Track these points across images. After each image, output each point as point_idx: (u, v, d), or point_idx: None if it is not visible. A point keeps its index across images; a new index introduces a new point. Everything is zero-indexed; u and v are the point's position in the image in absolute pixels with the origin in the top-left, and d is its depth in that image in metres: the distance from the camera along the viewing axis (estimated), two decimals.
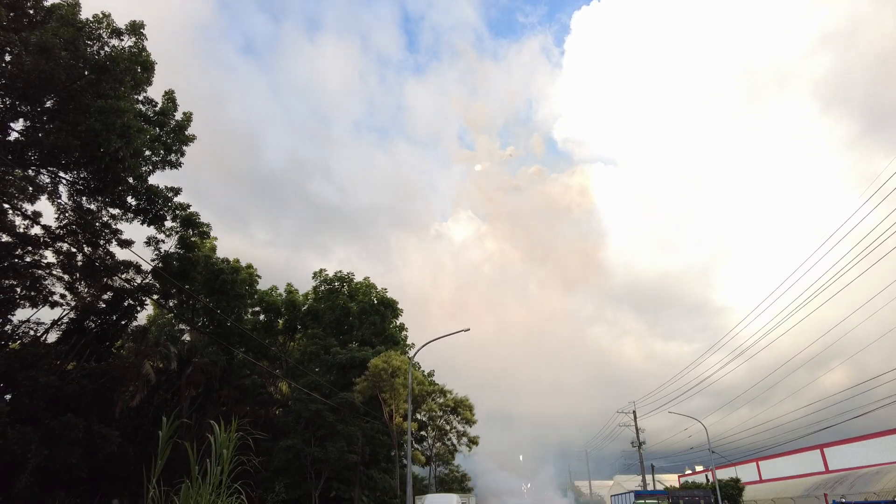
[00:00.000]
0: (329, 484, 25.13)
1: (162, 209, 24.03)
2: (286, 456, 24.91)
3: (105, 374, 22.21)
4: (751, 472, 48.68)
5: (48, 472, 20.15)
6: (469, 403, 32.09)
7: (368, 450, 26.55)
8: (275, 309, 31.81)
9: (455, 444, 33.68)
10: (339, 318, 29.43)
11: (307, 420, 25.01)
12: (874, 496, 27.90)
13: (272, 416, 31.48)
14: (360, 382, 24.50)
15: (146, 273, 26.35)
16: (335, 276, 31.04)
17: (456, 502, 21.32)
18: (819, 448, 40.86)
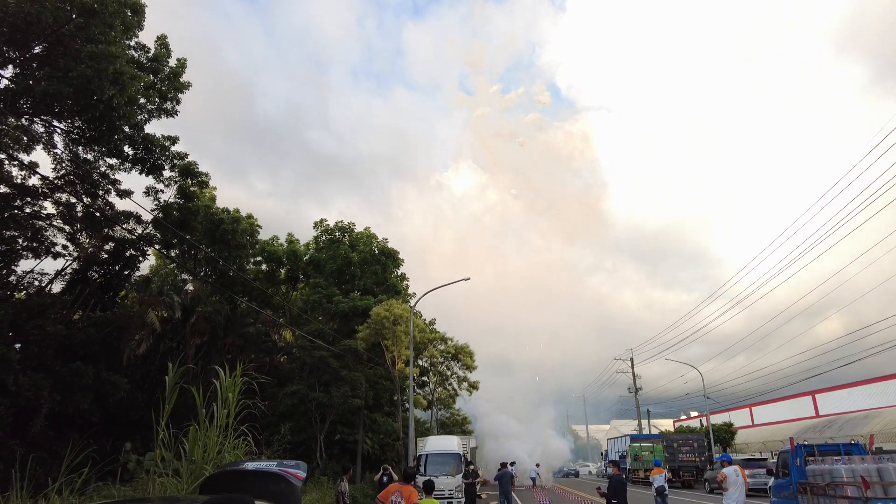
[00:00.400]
0: (334, 427, 25.92)
1: (160, 158, 23.83)
2: (291, 401, 25.58)
3: (111, 323, 22.58)
4: (744, 418, 50.19)
5: (61, 417, 20.79)
6: (469, 350, 32.81)
7: (371, 394, 27.27)
8: (276, 259, 31.99)
9: (456, 389, 34.63)
10: (340, 267, 29.62)
11: (311, 366, 25.58)
12: (861, 439, 28.84)
13: (277, 363, 32.20)
14: (363, 330, 24.92)
15: (147, 223, 26.41)
16: (336, 226, 31.06)
17: (457, 443, 22.04)
18: (811, 394, 42.00)
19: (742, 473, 10.77)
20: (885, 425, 27.67)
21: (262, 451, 12.31)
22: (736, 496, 10.42)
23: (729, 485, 10.55)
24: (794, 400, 43.48)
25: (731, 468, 10.80)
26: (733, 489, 10.47)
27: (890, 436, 26.67)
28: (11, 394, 18.65)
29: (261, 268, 34.35)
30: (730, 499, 10.48)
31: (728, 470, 10.74)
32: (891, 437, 26.63)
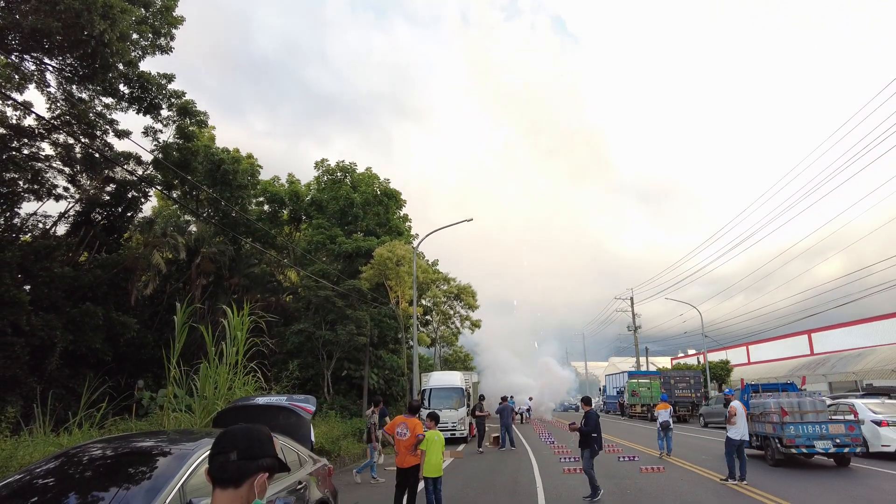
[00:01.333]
0: (340, 364, 26.67)
1: (156, 97, 23.38)
2: (298, 339, 26.21)
3: (117, 265, 22.84)
4: (741, 356, 51.38)
5: (75, 356, 21.41)
6: (472, 290, 33.26)
7: (376, 332, 27.87)
8: (278, 199, 31.93)
9: (458, 328, 35.39)
10: (342, 208, 29.58)
11: (317, 306, 26.04)
12: (853, 375, 29.64)
13: (283, 302, 32.76)
14: (367, 270, 25.18)
15: (147, 164, 26.22)
16: (337, 166, 30.76)
17: (459, 378, 22.74)
18: (806, 333, 42.76)
19: (743, 408, 11.35)
20: (877, 362, 28.34)
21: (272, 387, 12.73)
22: (742, 428, 10.94)
23: (738, 418, 11.01)
24: (790, 339, 44.35)
25: (737, 402, 11.27)
26: (741, 422, 10.95)
27: (881, 373, 27.36)
28: (25, 333, 19.16)
29: (263, 209, 34.35)
30: (736, 431, 10.94)
31: (737, 404, 11.22)
32: (882, 373, 27.34)
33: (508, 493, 10.54)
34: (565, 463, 14.47)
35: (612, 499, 9.71)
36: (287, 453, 5.77)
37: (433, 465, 7.99)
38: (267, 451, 1.83)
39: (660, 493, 10.07)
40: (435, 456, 8.01)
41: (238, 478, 1.74)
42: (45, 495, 3.92)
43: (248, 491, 1.75)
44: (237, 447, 1.77)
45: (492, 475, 12.93)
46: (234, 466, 1.74)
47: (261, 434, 1.87)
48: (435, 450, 8.04)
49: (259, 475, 1.77)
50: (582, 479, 11.97)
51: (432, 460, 7.99)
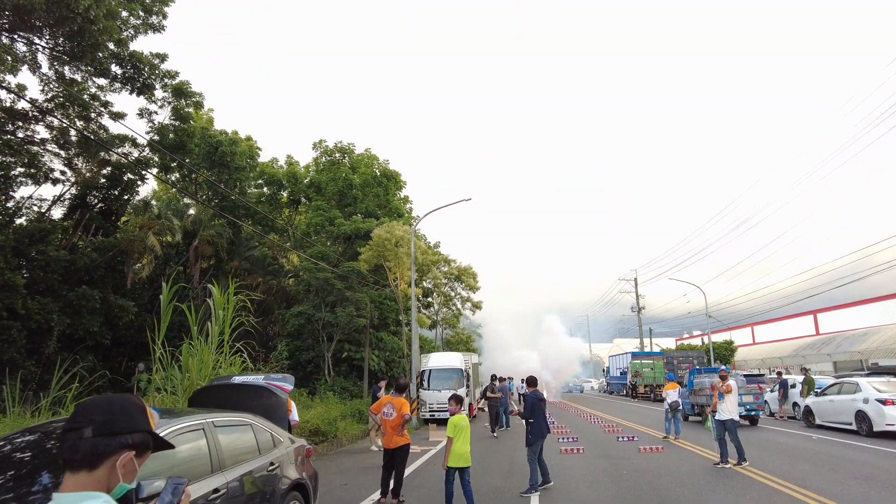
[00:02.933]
0: (341, 346, 26.56)
1: (150, 77, 23.03)
2: (298, 321, 26.09)
3: (113, 248, 22.69)
4: (746, 337, 51.02)
5: (73, 339, 21.38)
6: (472, 272, 33.01)
7: (377, 314, 27.72)
8: (276, 181, 31.61)
9: (459, 309, 35.20)
10: (341, 190, 29.24)
11: (316, 288, 25.87)
12: (858, 355, 29.31)
13: (284, 285, 32.66)
14: (365, 252, 24.94)
15: (143, 146, 25.95)
16: (336, 147, 30.34)
17: (459, 359, 22.58)
18: (812, 313, 42.34)
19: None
20: (882, 342, 27.97)
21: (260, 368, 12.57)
22: (732, 410, 10.62)
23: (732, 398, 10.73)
24: (795, 319, 43.94)
25: (732, 381, 10.96)
26: (731, 403, 10.65)
27: (887, 352, 27.01)
28: (21, 317, 19.09)
29: (262, 191, 34.08)
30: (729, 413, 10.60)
31: (732, 381, 10.98)
32: (887, 352, 26.98)
33: (503, 475, 10.36)
34: (563, 443, 14.27)
35: (608, 480, 9.51)
36: (259, 433, 5.56)
37: (459, 454, 7.22)
38: (134, 424, 1.52)
39: (656, 473, 9.86)
40: (462, 444, 7.26)
41: (92, 459, 1.42)
42: None
43: (106, 474, 1.44)
44: (93, 421, 1.47)
45: (487, 456, 12.77)
46: (87, 445, 1.43)
47: (126, 405, 1.55)
48: (464, 437, 7.30)
49: (122, 454, 1.47)
50: (578, 459, 11.81)
51: (458, 449, 7.23)
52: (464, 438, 7.26)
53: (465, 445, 7.25)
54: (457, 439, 7.21)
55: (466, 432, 7.34)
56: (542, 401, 9.01)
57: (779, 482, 8.85)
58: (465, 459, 7.25)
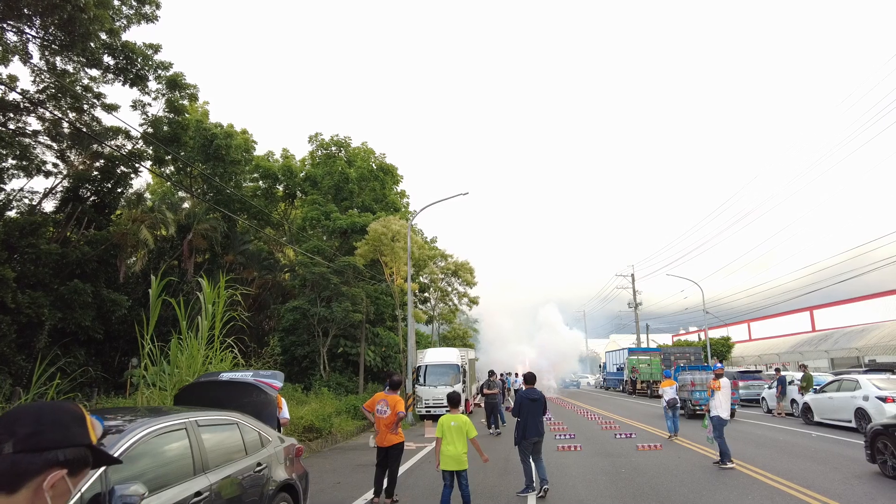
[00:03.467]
0: (336, 341, 26.37)
1: (143, 68, 22.68)
2: (294, 316, 25.89)
3: (106, 241, 22.39)
4: (743, 333, 51.02)
5: (65, 334, 21.10)
6: (469, 267, 32.81)
7: (373, 309, 27.51)
8: (272, 175, 31.29)
9: (456, 304, 35.01)
10: (337, 184, 28.95)
11: (312, 283, 25.65)
12: (856, 352, 29.24)
13: (280, 280, 32.41)
14: (361, 246, 24.70)
15: (136, 139, 25.61)
16: (332, 140, 30.03)
17: (455, 355, 22.39)
18: (809, 310, 42.29)
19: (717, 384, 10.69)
20: (880, 338, 27.89)
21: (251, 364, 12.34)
22: (726, 407, 10.26)
23: (724, 396, 10.38)
24: (792, 315, 43.90)
25: (724, 379, 10.57)
26: (726, 401, 10.32)
27: (885, 348, 26.93)
28: (11, 311, 18.80)
29: (259, 185, 33.77)
30: (723, 410, 10.28)
31: (725, 381, 10.57)
32: (885, 349, 26.90)
33: (499, 472, 10.18)
34: (560, 440, 14.10)
35: (606, 479, 9.33)
36: (246, 433, 5.34)
37: (450, 455, 6.69)
38: (67, 437, 1.26)
39: (656, 472, 9.69)
40: (452, 445, 6.70)
41: (11, 480, 1.16)
42: None
43: (29, 498, 1.18)
44: (14, 434, 1.22)
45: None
46: (5, 463, 1.20)
47: (59, 414, 1.29)
48: (451, 437, 6.72)
49: (50, 474, 1.23)
50: (576, 457, 11.64)
51: (448, 450, 6.69)
52: (453, 439, 6.71)
53: (455, 447, 6.70)
54: (445, 440, 6.76)
55: (456, 433, 6.74)
56: (534, 400, 8.34)
57: (781, 481, 8.68)
58: (457, 462, 6.72)
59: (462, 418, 6.90)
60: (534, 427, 8.26)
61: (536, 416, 8.31)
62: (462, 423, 6.81)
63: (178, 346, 9.20)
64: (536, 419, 8.31)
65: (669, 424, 14.26)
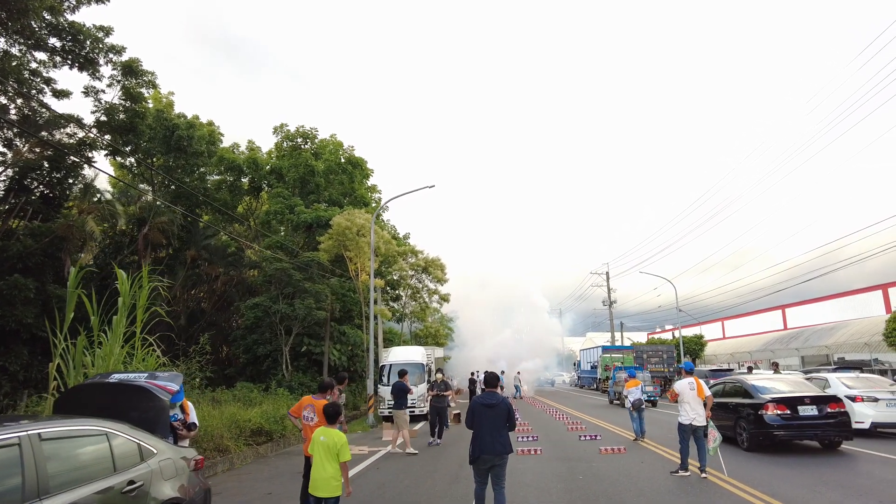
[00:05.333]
0: (300, 339, 25.46)
1: (92, 51, 21.51)
2: (255, 313, 24.91)
3: (50, 234, 21.12)
4: (717, 331, 51.27)
5: (5, 331, 19.85)
6: (440, 263, 32.07)
7: (338, 307, 26.62)
8: (236, 167, 30.14)
9: (427, 302, 34.26)
10: (303, 176, 27.93)
11: (273, 279, 24.71)
12: (825, 349, 29.22)
13: (245, 276, 31.29)
14: (325, 241, 23.82)
15: (89, 127, 24.35)
16: (297, 132, 29.00)
17: (420, 353, 21.68)
18: (781, 308, 42.54)
19: (699, 386, 9.28)
20: (850, 336, 27.88)
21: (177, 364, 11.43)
22: (691, 413, 9.14)
23: (682, 401, 9.28)
24: (765, 314, 44.12)
25: (685, 381, 9.44)
26: (687, 405, 9.20)
27: (854, 346, 26.90)
28: None
29: (226, 178, 32.58)
30: (684, 415, 9.24)
31: (681, 384, 9.39)
32: (854, 347, 26.88)
33: (449, 480, 9.47)
34: (522, 443, 13.45)
35: (560, 486, 8.67)
36: (118, 445, 4.52)
37: (316, 479, 5.43)
38: None
39: (615, 479, 9.07)
40: (320, 466, 5.43)
41: None
42: None
43: None
44: None
45: (436, 459, 11.85)
46: None
47: None
48: (319, 457, 5.47)
49: None
50: (534, 462, 10.97)
51: (315, 472, 5.45)
52: (321, 460, 5.45)
53: (323, 468, 5.41)
54: (314, 460, 5.53)
55: (325, 452, 5.45)
56: (491, 406, 6.34)
57: (745, 489, 8.12)
58: (325, 487, 5.36)
59: (335, 436, 5.55)
60: (490, 443, 6.20)
61: (495, 429, 6.27)
62: (334, 442, 5.48)
63: (84, 344, 8.29)
64: (495, 433, 6.26)
65: (635, 426, 13.68)
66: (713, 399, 10.11)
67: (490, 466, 6.28)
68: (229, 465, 11.78)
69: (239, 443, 13.32)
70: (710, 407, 9.37)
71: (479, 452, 6.23)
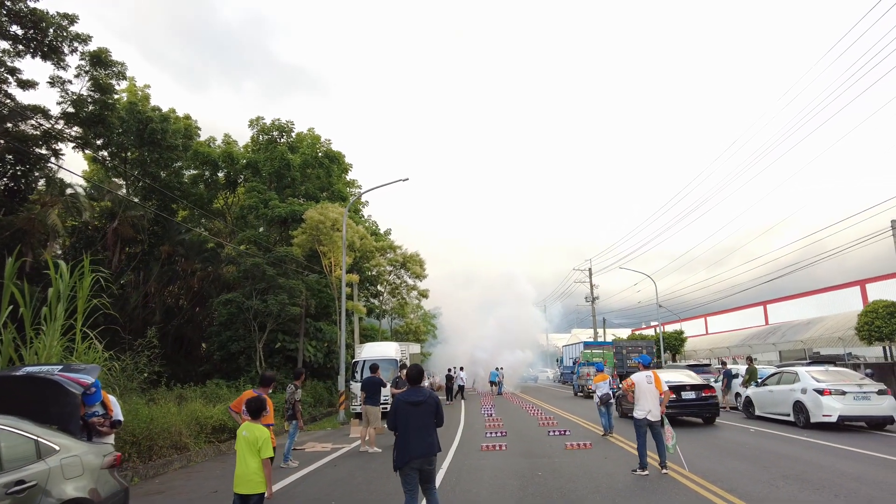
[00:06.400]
0: (274, 335, 25.07)
1: (55, 39, 20.91)
2: (229, 310, 24.50)
3: (12, 227, 20.53)
4: (700, 328, 51.58)
5: None
6: (419, 259, 31.74)
7: (314, 302, 26.24)
8: (211, 162, 29.57)
9: (405, 298, 33.94)
10: (278, 170, 27.43)
11: (247, 274, 24.29)
12: (801, 344, 29.36)
13: (221, 272, 30.78)
14: (298, 235, 23.42)
15: (56, 118, 23.72)
16: (273, 125, 28.50)
17: (394, 349, 21.37)
18: (762, 304, 42.83)
19: (657, 380, 9.01)
20: (825, 331, 28.03)
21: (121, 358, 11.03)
22: (647, 406, 8.82)
23: (638, 395, 8.94)
24: (747, 310, 44.42)
25: (642, 374, 9.10)
26: (643, 399, 8.88)
27: (829, 340, 27.04)
28: None
29: (202, 173, 31.97)
30: (639, 409, 8.92)
31: (638, 377, 9.07)
32: (829, 341, 27.01)
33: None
34: (489, 438, 13.22)
35: (516, 483, 8.44)
36: (9, 443, 4.19)
37: (239, 475, 5.15)
38: None
39: (573, 475, 8.85)
40: (242, 462, 5.16)
41: None
42: None
43: None
44: None
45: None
46: None
47: None
48: (241, 452, 5.20)
49: None
50: (496, 458, 10.74)
51: (238, 469, 5.18)
52: (243, 454, 5.17)
53: (245, 464, 5.13)
54: (237, 455, 5.26)
55: (247, 447, 5.16)
56: (417, 404, 5.69)
57: (704, 485, 7.93)
58: (246, 483, 5.10)
59: (257, 430, 5.23)
60: (419, 443, 5.59)
61: (423, 429, 5.67)
62: (255, 437, 5.17)
63: (8, 337, 7.90)
64: (423, 432, 5.66)
65: (604, 421, 13.52)
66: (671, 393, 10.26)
67: (419, 470, 5.62)
68: (185, 463, 11.44)
69: (199, 440, 12.99)
70: (667, 402, 9.18)
71: (406, 457, 5.54)
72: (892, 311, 21.20)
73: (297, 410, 11.36)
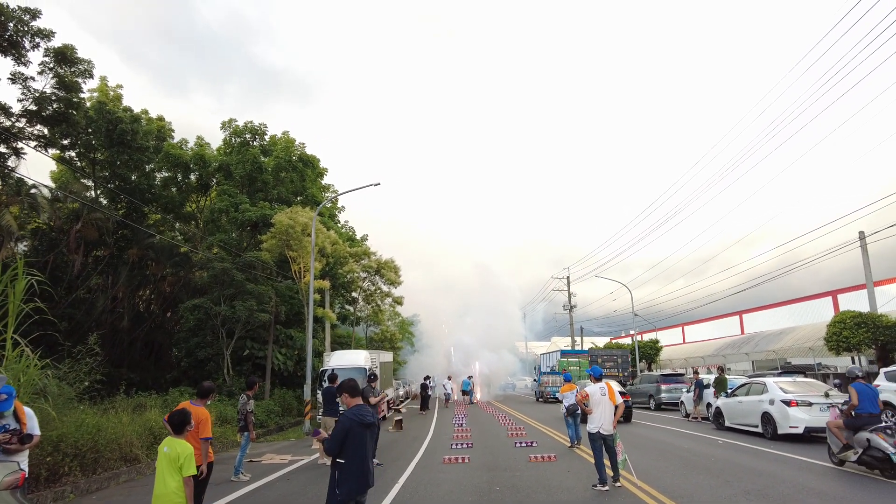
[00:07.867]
0: (243, 342, 24.48)
1: (15, 34, 20.23)
2: (197, 315, 23.83)
3: None
4: (677, 337, 51.87)
5: None
6: (393, 265, 31.35)
7: (285, 309, 25.70)
8: (183, 164, 28.91)
9: (379, 305, 33.54)
10: (250, 173, 26.90)
11: (214, 279, 23.68)
12: (773, 354, 29.54)
13: (193, 277, 30.07)
14: (268, 240, 22.92)
15: (16, 116, 22.96)
16: (246, 127, 27.98)
17: (364, 357, 20.92)
18: (738, 314, 43.21)
19: (611, 392, 8.77)
20: (796, 340, 28.26)
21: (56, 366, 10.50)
22: (598, 419, 8.58)
23: (592, 405, 8.66)
24: (723, 319, 44.81)
25: (595, 386, 8.83)
26: (597, 412, 8.62)
27: (800, 350, 27.24)
28: None
29: (175, 175, 31.26)
30: (592, 423, 8.66)
31: (592, 389, 8.80)
32: (800, 351, 27.21)
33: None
34: (453, 450, 12.88)
35: (474, 497, 8.13)
36: None
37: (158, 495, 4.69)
38: None
39: (532, 490, 8.56)
40: (160, 481, 4.71)
41: None
42: None
43: None
44: None
45: None
46: None
47: None
48: (162, 469, 4.75)
49: None
50: (456, 471, 10.39)
51: (156, 489, 4.72)
52: (162, 473, 4.73)
53: (164, 483, 4.68)
54: (157, 472, 4.80)
55: (167, 465, 4.72)
56: (369, 426, 4.81)
57: (664, 501, 7.68)
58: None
59: (179, 446, 4.77)
60: (368, 475, 4.75)
61: (369, 457, 4.86)
62: (177, 454, 4.72)
63: None
64: (369, 461, 4.82)
65: (571, 433, 13.25)
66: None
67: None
68: (133, 476, 10.92)
69: (153, 451, 12.44)
70: (619, 415, 8.92)
71: (356, 492, 4.63)
72: (859, 321, 21.36)
73: (250, 422, 10.86)
